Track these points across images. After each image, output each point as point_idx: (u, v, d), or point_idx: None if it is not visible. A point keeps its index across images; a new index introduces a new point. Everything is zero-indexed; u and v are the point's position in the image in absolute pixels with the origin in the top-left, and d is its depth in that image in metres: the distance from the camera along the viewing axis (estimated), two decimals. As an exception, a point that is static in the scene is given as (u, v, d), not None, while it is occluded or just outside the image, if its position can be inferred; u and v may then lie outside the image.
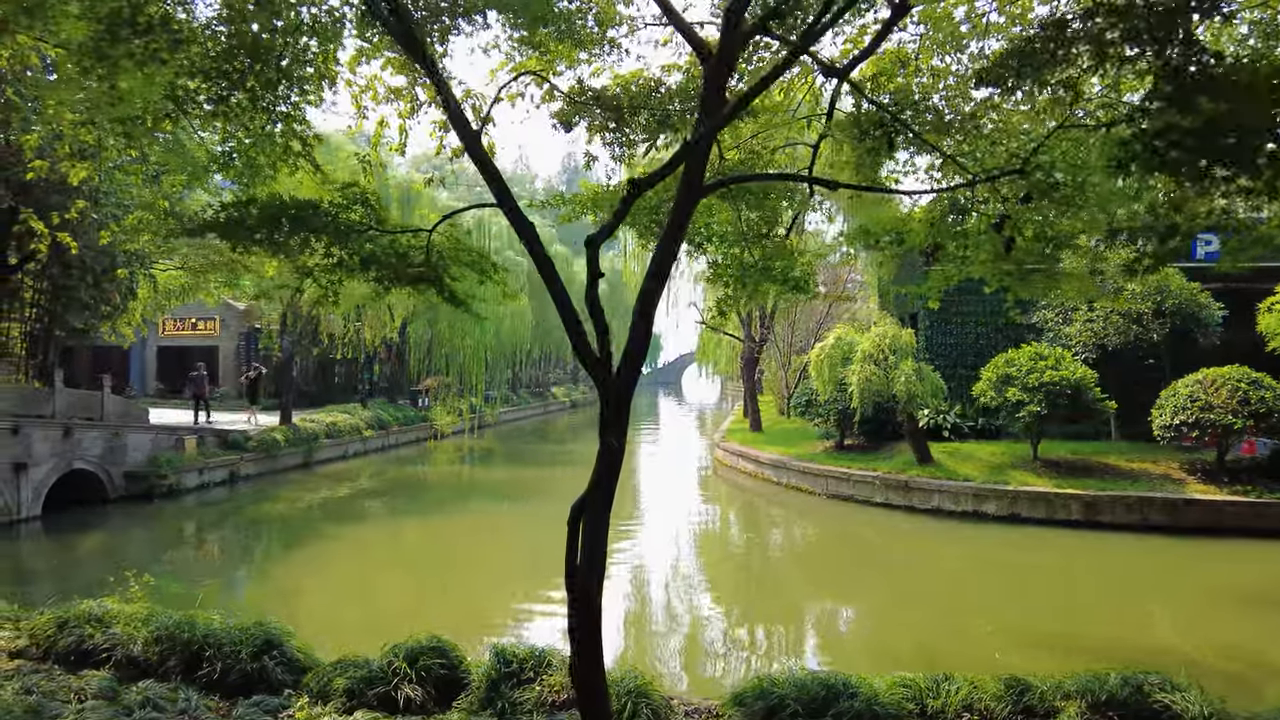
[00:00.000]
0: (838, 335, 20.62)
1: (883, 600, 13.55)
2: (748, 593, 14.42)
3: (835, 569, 15.85)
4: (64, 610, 7.75)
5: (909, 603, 13.17)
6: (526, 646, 7.17)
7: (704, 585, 14.72)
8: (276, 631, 7.51)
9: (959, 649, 10.53)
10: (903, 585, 14.27)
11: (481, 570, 15.25)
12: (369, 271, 5.04)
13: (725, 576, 15.44)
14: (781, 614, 12.97)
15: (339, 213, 4.75)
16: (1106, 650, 10.25)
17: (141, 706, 6.43)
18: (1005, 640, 10.97)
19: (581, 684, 4.07)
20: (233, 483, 22.64)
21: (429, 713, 6.64)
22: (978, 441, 21.79)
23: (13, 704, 6.16)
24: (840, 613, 13.40)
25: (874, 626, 12.40)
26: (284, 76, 5.89)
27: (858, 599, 13.82)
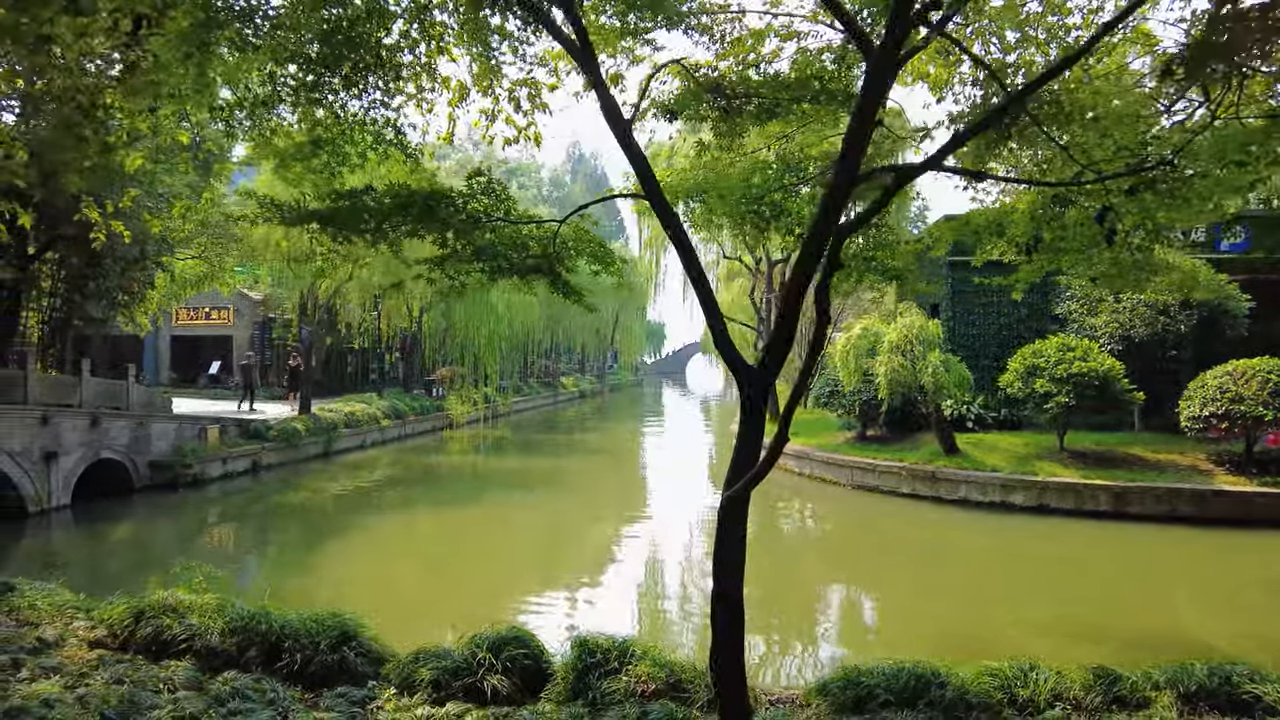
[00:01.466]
0: (864, 326, 20.62)
1: (919, 590, 13.60)
2: (786, 582, 14.45)
3: (868, 559, 15.89)
4: (138, 601, 7.74)
5: (945, 593, 13.23)
6: (607, 637, 7.17)
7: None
8: (352, 622, 7.52)
9: (1005, 639, 10.60)
10: (937, 576, 14.32)
11: (515, 558, 15.28)
12: (479, 262, 5.00)
13: (763, 567, 15.48)
14: (822, 603, 13.03)
15: (467, 202, 4.71)
16: (1149, 641, 10.36)
17: (230, 697, 6.43)
18: (1047, 631, 11.04)
19: (722, 676, 4.08)
20: (255, 472, 22.62)
21: (517, 703, 6.65)
22: (1001, 432, 21.82)
23: (107, 694, 6.16)
24: (879, 602, 13.44)
25: (914, 616, 12.43)
26: (380, 63, 5.85)
27: (893, 588, 13.86)
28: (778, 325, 4.14)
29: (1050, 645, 9.84)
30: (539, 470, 25.47)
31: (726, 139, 5.36)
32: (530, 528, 18.06)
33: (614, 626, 10.91)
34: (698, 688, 6.60)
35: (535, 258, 4.86)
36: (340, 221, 4.94)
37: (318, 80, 5.78)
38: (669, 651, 7.29)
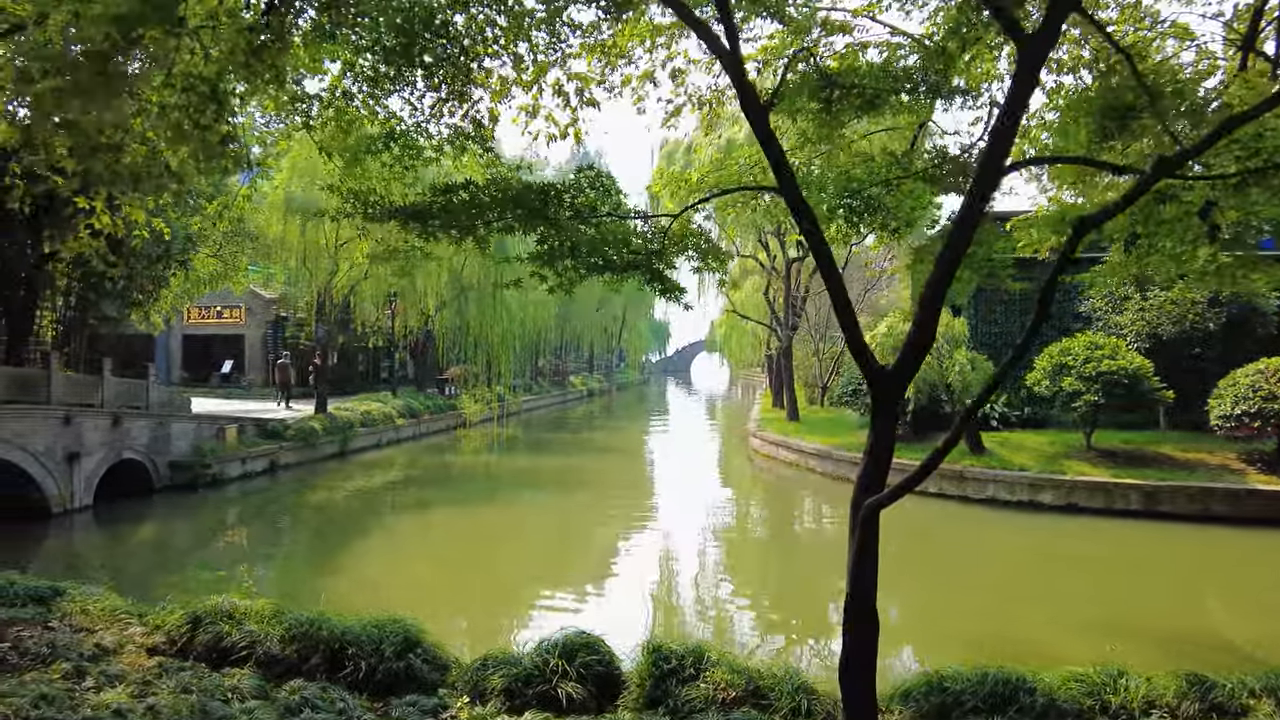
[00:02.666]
0: (890, 324, 20.47)
1: (952, 590, 13.48)
2: (817, 582, 14.31)
3: (899, 559, 15.70)
4: (194, 606, 7.57)
5: (979, 593, 13.13)
6: (680, 642, 7.02)
7: (782, 576, 14.64)
8: (414, 628, 7.36)
9: (1044, 639, 10.48)
10: (971, 575, 14.21)
11: (539, 559, 15.13)
12: (574, 259, 4.84)
13: (796, 566, 15.35)
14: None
15: (576, 197, 4.55)
16: (1190, 641, 10.26)
17: (300, 707, 6.26)
18: (1085, 631, 10.91)
19: (854, 687, 3.94)
20: (273, 472, 22.45)
21: (594, 711, 6.50)
22: (1025, 431, 21.73)
23: (177, 704, 6.00)
24: (913, 602, 13.25)
25: (948, 615, 12.29)
26: (463, 53, 5.68)
27: (927, 588, 13.71)
28: (918, 325, 3.99)
29: (1089, 646, 9.71)
30: (556, 470, 25.30)
31: (826, 129, 5.21)
32: (551, 528, 17.88)
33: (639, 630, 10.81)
34: (779, 695, 6.46)
35: (636, 254, 4.70)
36: (433, 218, 4.77)
37: (398, 71, 5.61)
38: (743, 657, 7.15)
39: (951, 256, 3.68)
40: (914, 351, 4.04)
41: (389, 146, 6.09)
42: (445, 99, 5.89)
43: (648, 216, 4.92)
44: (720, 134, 26.54)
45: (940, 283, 3.81)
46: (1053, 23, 3.39)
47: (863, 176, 5.02)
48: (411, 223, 4.99)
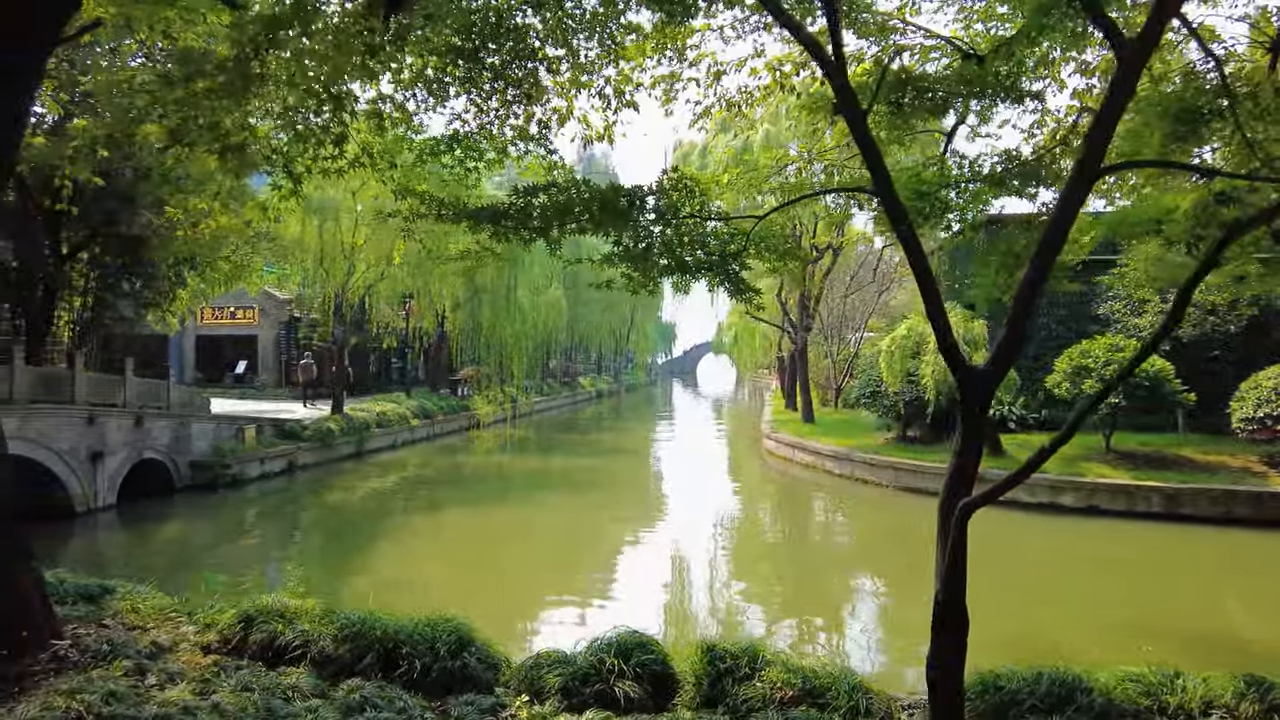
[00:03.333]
0: (909, 326, 20.50)
1: (979, 591, 13.47)
2: (846, 581, 14.35)
3: (928, 561, 15.73)
4: (246, 606, 7.60)
5: (1007, 594, 13.10)
6: (735, 643, 7.06)
7: (816, 577, 14.66)
8: (465, 628, 7.39)
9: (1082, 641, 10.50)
10: (996, 577, 14.16)
11: (563, 559, 15.16)
12: (645, 259, 4.87)
13: (822, 567, 15.37)
14: (882, 604, 12.90)
15: (660, 198, 4.58)
16: (1219, 643, 10.29)
17: (360, 707, 6.29)
18: (1124, 633, 10.94)
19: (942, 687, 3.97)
20: (291, 472, 22.49)
21: (652, 710, 6.52)
22: (1043, 433, 21.71)
23: (243, 703, 6.04)
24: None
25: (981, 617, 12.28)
26: (531, 55, 5.72)
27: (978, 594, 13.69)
28: (1011, 325, 4.02)
29: (1119, 647, 9.75)
30: (572, 471, 25.34)
31: (896, 131, 5.24)
32: (572, 529, 17.89)
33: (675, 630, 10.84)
34: (837, 694, 6.49)
35: (713, 255, 4.73)
36: (509, 218, 4.81)
37: (468, 74, 5.65)
38: (795, 657, 7.17)
39: (1047, 257, 3.72)
40: (1007, 352, 4.07)
41: (452, 148, 6.13)
42: (511, 101, 5.93)
43: (729, 218, 4.95)
44: (736, 135, 26.60)
45: (1036, 283, 3.84)
46: (1153, 30, 3.41)
47: (933, 179, 5.05)
48: (487, 224, 5.03)
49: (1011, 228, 5.34)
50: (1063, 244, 3.76)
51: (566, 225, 4.81)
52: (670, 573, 14.60)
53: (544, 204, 4.68)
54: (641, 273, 4.93)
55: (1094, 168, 3.56)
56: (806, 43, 3.78)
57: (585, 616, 11.64)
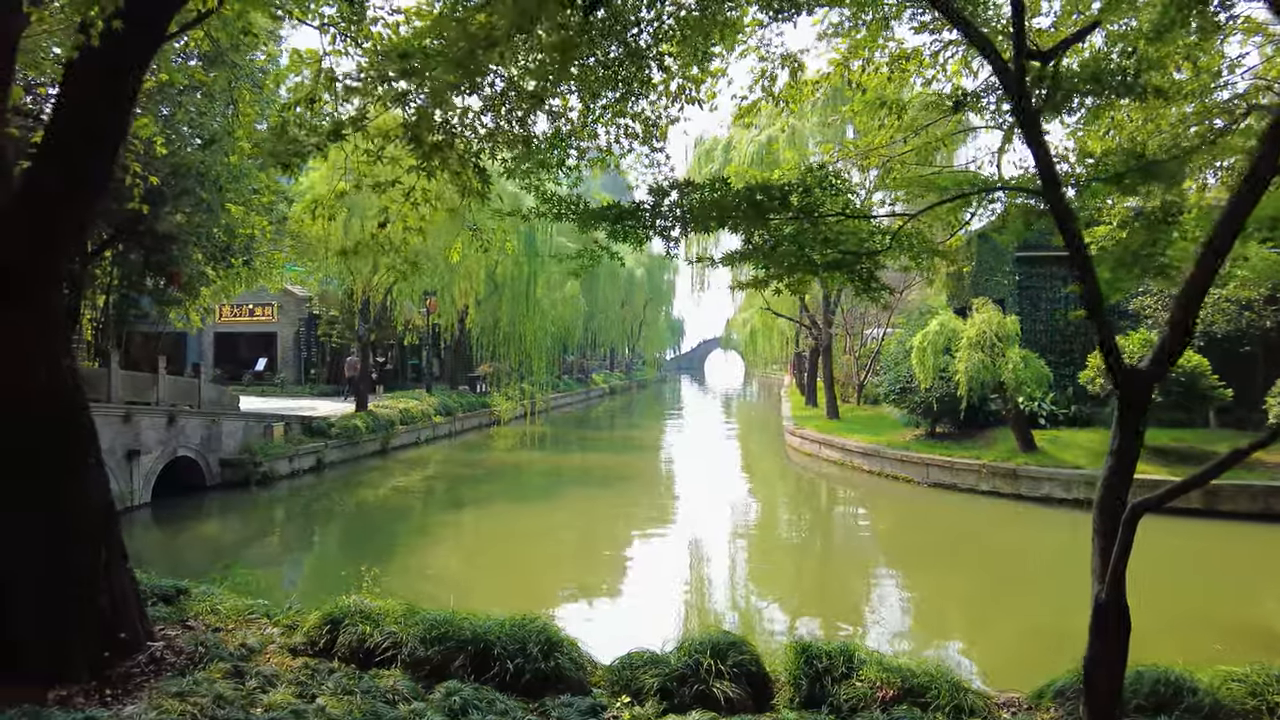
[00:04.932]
0: (941, 322, 20.45)
1: (1035, 586, 13.48)
2: (898, 579, 14.32)
3: (976, 558, 15.70)
4: (329, 608, 7.56)
5: (1061, 591, 13.10)
6: (827, 642, 7.03)
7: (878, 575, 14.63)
8: (554, 628, 7.36)
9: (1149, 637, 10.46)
10: (1049, 572, 14.20)
11: (601, 555, 15.13)
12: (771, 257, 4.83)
13: (870, 566, 15.35)
14: (935, 601, 12.88)
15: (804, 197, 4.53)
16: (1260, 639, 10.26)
17: (465, 709, 6.27)
18: (1186, 629, 10.93)
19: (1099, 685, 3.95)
20: (319, 469, 22.47)
21: (753, 711, 6.50)
22: (1072, 429, 21.70)
23: (350, 707, 6.01)
24: (992, 599, 13.26)
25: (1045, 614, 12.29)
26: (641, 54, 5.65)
27: (1004, 586, 13.70)
28: (1174, 326, 3.97)
29: (1184, 643, 9.76)
30: (600, 468, 25.30)
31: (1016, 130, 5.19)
32: (613, 527, 17.85)
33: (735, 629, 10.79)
34: (938, 693, 6.46)
35: (844, 254, 4.68)
36: (635, 217, 4.76)
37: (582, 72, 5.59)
38: (890, 656, 7.14)
39: (1214, 258, 3.68)
40: (1169, 352, 4.04)
41: (559, 146, 6.07)
42: (623, 97, 5.87)
43: (875, 217, 4.90)
44: (761, 132, 26.54)
45: (1203, 283, 3.80)
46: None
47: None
48: (608, 224, 4.98)
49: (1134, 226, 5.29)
50: (1230, 246, 3.72)
51: (696, 224, 4.76)
52: (725, 571, 14.58)
53: (678, 203, 4.63)
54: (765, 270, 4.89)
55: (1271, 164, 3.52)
56: (977, 40, 3.73)
57: (648, 617, 11.62)
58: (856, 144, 9.43)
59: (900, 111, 8.34)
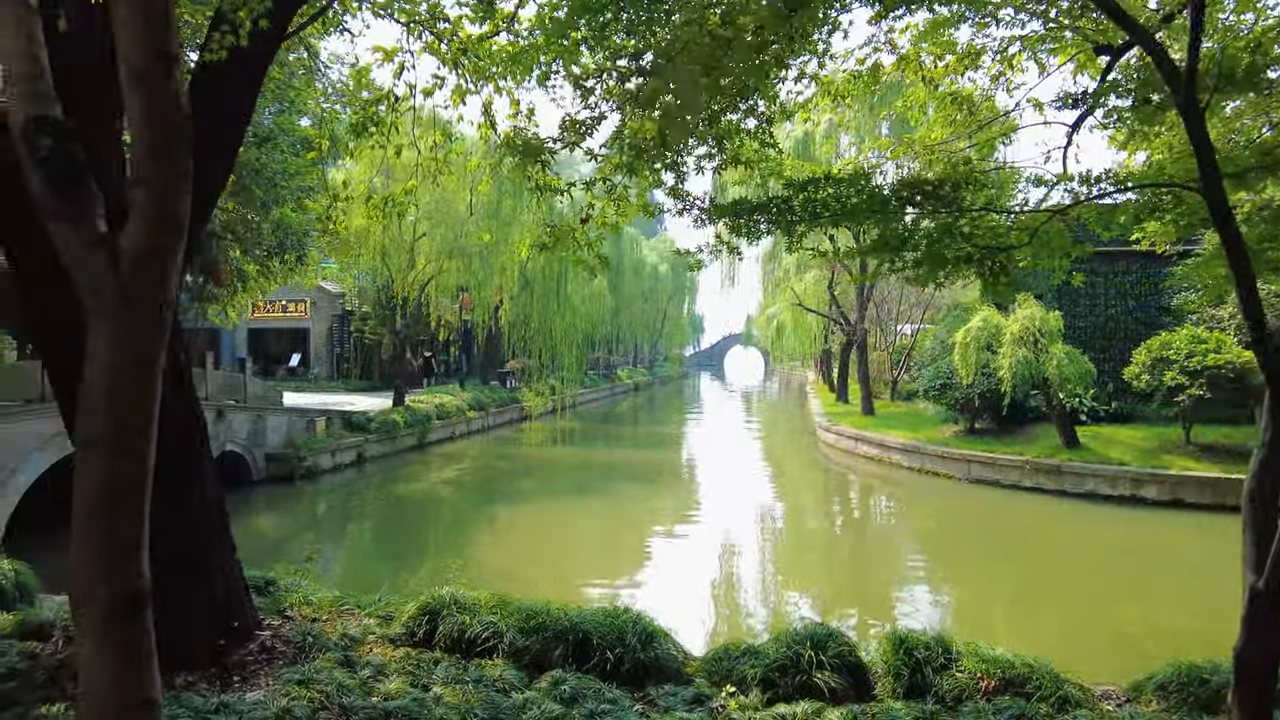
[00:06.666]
0: (984, 317, 20.41)
1: (1092, 584, 13.46)
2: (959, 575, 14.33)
3: (1029, 554, 15.68)
4: (425, 599, 7.67)
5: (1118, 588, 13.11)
6: (923, 633, 7.08)
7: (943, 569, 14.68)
8: (648, 619, 7.44)
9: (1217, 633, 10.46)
10: (1105, 570, 14.19)
11: (645, 546, 15.22)
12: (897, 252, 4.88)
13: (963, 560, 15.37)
14: (1009, 597, 12.90)
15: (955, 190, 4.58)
16: None
17: (575, 699, 6.36)
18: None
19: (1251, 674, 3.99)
20: (360, 464, 22.66)
21: (856, 700, 6.56)
22: (1114, 425, 21.62)
23: (465, 695, 6.12)
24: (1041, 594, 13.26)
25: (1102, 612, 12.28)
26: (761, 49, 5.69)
27: (1073, 585, 13.68)
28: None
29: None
30: (636, 464, 25.40)
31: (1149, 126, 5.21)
32: (652, 518, 17.93)
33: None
34: (1040, 684, 6.50)
35: (977, 248, 4.72)
36: (765, 212, 4.82)
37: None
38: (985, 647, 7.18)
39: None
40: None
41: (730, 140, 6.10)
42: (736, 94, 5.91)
43: (1022, 212, 4.94)
44: (796, 127, 26.52)
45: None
46: None
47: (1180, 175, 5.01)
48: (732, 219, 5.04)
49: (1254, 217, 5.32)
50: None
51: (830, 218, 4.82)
52: (780, 566, 14.65)
53: (810, 198, 4.69)
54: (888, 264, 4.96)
55: None
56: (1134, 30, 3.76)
57: (714, 610, 11.71)
58: (912, 139, 9.46)
59: (972, 107, 8.37)
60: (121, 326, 2.36)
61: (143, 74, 2.32)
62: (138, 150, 2.39)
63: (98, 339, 2.38)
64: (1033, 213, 4.81)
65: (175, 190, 2.39)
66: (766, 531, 17.01)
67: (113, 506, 2.38)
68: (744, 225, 5.10)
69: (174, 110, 2.37)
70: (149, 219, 2.37)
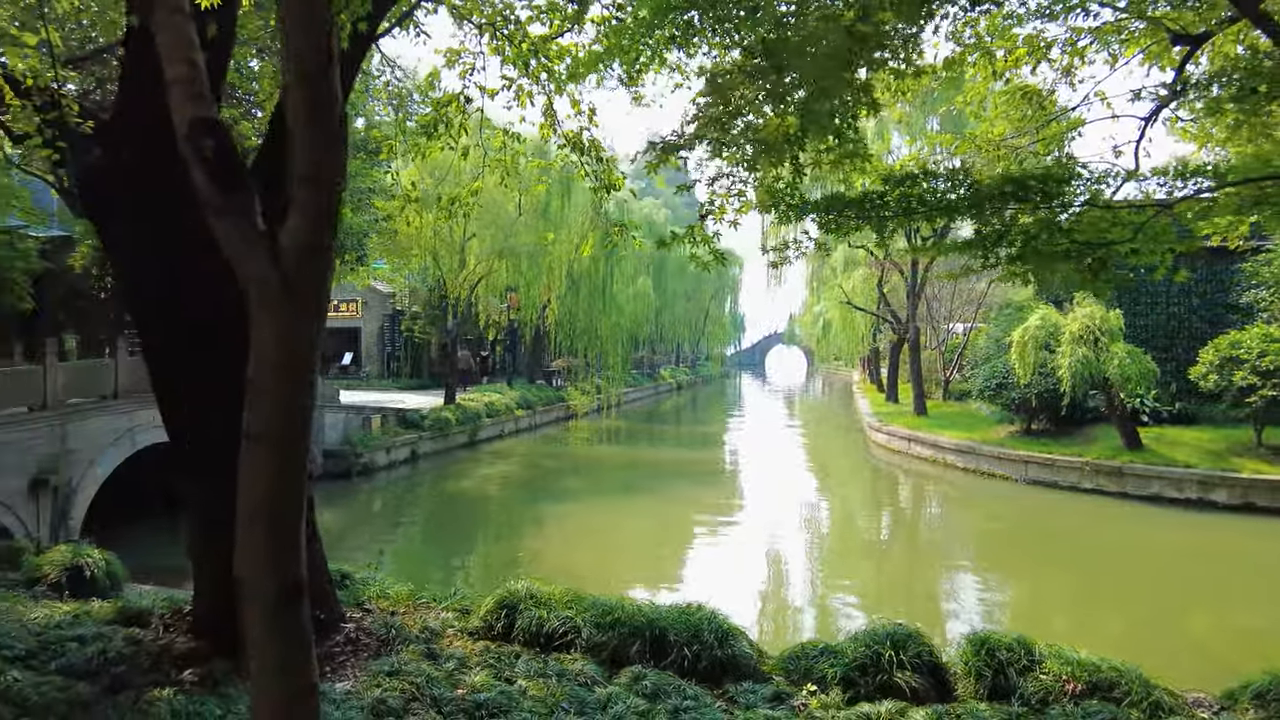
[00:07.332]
0: (1042, 316, 20.04)
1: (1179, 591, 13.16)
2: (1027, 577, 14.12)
3: (1099, 558, 15.32)
4: (502, 593, 7.75)
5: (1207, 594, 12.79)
6: (1004, 635, 6.98)
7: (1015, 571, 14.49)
8: (721, 617, 7.43)
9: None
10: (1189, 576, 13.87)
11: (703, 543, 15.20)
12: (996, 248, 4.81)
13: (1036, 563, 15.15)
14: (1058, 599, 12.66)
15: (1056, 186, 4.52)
16: None
17: (656, 694, 6.39)
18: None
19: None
20: (414, 460, 22.98)
21: (938, 701, 6.49)
22: (1177, 427, 21.05)
23: (550, 689, 6.19)
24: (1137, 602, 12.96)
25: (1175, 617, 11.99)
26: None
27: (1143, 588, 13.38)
28: None
29: None
30: (685, 464, 25.40)
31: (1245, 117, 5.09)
32: (708, 518, 17.89)
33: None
34: (1130, 689, 6.37)
35: (1076, 244, 4.64)
36: (861, 208, 4.80)
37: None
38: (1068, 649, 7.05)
39: None
40: None
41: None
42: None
43: (1131, 205, 4.84)
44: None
45: None
46: None
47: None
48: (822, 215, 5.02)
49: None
50: None
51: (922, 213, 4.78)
52: (842, 567, 14.57)
53: (906, 193, 4.65)
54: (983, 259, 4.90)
55: None
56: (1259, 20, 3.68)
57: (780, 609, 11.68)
58: (973, 134, 9.32)
59: (1042, 102, 8.24)
60: (285, 320, 2.44)
61: (309, 74, 2.39)
62: (299, 148, 2.46)
63: (263, 333, 2.45)
64: (1140, 207, 4.70)
65: (334, 188, 2.45)
66: (822, 531, 16.91)
67: (278, 499, 2.45)
68: (834, 221, 5.08)
69: (336, 110, 2.44)
70: (310, 215, 2.44)
